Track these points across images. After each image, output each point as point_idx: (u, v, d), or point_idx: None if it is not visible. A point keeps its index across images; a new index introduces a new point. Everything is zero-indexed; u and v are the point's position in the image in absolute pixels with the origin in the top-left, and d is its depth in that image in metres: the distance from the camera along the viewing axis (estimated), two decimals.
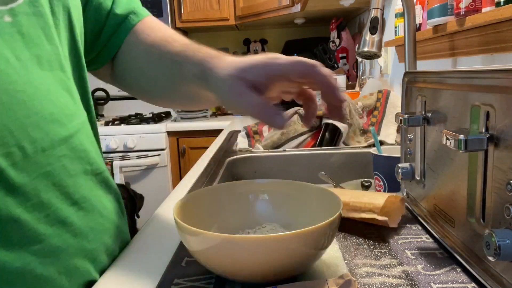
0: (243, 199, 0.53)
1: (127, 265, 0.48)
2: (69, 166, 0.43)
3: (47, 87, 0.42)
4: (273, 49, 2.91)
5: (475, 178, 0.38)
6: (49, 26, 0.44)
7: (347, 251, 0.48)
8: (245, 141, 1.28)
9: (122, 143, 2.21)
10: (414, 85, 0.55)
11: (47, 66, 0.43)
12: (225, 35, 2.96)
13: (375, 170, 0.75)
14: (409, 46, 0.94)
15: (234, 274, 0.39)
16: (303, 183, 0.51)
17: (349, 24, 2.49)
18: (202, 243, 0.38)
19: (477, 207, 0.38)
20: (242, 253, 0.37)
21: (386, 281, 0.40)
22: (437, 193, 0.48)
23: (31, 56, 0.41)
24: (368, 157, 1.02)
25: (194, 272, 0.44)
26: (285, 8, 2.20)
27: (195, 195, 0.50)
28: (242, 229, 0.51)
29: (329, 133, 1.12)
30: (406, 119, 0.51)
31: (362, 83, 1.73)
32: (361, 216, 0.53)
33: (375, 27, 0.86)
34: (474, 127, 0.38)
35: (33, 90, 0.40)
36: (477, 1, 0.78)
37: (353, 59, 2.17)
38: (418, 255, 0.45)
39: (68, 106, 0.45)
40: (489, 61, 0.83)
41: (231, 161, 1.05)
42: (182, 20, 2.55)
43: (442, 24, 0.90)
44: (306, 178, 1.04)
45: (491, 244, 0.32)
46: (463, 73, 0.42)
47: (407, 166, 0.56)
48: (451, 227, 0.44)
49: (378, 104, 1.27)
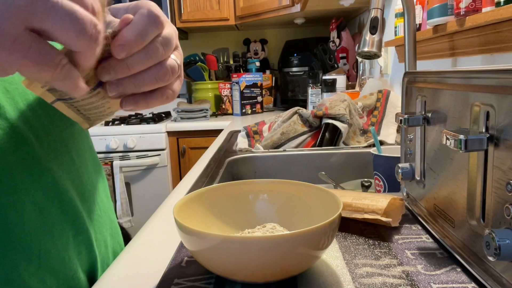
0: (243, 199, 0.53)
1: (127, 265, 0.48)
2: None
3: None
4: (273, 49, 2.91)
5: (475, 178, 0.38)
6: None
7: (347, 251, 0.48)
8: (245, 141, 1.28)
9: (122, 143, 2.21)
10: (414, 85, 0.55)
11: None
12: (225, 35, 2.96)
13: (375, 170, 0.75)
14: (409, 46, 0.94)
15: (234, 274, 0.39)
16: (303, 183, 0.51)
17: (349, 24, 2.49)
18: (202, 243, 0.38)
19: (477, 207, 0.38)
20: (242, 253, 0.37)
21: (386, 281, 0.40)
22: (437, 193, 0.48)
23: None
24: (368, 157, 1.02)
25: (194, 272, 0.44)
26: (285, 8, 2.20)
27: (195, 195, 0.50)
28: (242, 229, 0.51)
29: (329, 133, 1.12)
30: (406, 119, 0.51)
31: (362, 83, 1.73)
32: (364, 217, 0.53)
33: (375, 27, 0.86)
34: (474, 127, 0.38)
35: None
36: (477, 1, 0.78)
37: (353, 59, 2.17)
38: (418, 255, 0.45)
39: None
40: (489, 61, 0.83)
41: (231, 161, 1.05)
42: (182, 20, 2.55)
43: (442, 24, 0.90)
44: (306, 178, 1.05)
45: (491, 244, 0.32)
46: (463, 73, 0.41)
47: (407, 166, 0.56)
48: (451, 227, 0.44)
49: (378, 104, 1.27)
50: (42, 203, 0.40)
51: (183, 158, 2.32)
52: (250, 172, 1.07)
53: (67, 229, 0.43)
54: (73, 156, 0.46)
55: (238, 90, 2.41)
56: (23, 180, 0.38)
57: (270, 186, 0.53)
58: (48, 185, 0.41)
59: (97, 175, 0.53)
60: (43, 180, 0.41)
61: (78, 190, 0.46)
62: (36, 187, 0.40)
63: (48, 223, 0.41)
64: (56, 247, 0.41)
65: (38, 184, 0.40)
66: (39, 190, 0.40)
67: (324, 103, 1.17)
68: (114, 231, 0.57)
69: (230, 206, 0.52)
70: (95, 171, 0.52)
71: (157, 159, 2.23)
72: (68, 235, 0.43)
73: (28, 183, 0.39)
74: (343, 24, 2.22)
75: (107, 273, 0.47)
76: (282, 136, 1.15)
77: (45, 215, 0.40)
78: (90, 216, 0.48)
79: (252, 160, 1.08)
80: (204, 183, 0.84)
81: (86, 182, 0.48)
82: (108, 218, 0.55)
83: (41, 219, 0.40)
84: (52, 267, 0.41)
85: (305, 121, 1.17)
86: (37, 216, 0.39)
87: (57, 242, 0.41)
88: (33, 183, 0.40)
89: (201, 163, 1.04)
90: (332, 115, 1.12)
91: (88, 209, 0.48)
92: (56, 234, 0.41)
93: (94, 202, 0.50)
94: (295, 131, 1.15)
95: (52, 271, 0.41)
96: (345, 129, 1.10)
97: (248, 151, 1.11)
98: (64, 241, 0.43)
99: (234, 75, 2.45)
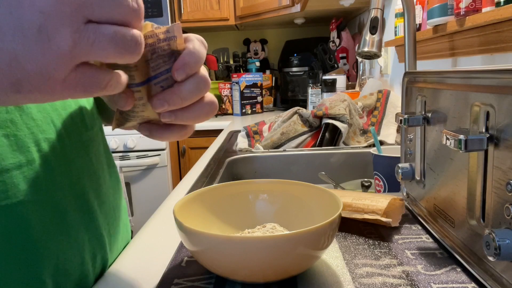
0: (243, 199, 0.53)
1: (127, 265, 0.48)
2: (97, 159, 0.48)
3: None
4: (273, 49, 2.91)
5: (475, 178, 0.38)
6: None
7: (347, 251, 0.48)
8: (245, 141, 1.28)
9: (122, 143, 2.21)
10: (414, 85, 0.55)
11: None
12: (225, 35, 2.96)
13: (375, 170, 0.75)
14: (409, 46, 0.94)
15: (234, 274, 0.39)
16: (303, 183, 0.51)
17: (349, 24, 2.49)
18: (202, 243, 0.38)
19: (477, 207, 0.38)
20: (242, 253, 0.37)
21: (386, 281, 0.40)
22: (437, 193, 0.48)
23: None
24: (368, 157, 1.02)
25: (194, 272, 0.44)
26: (285, 8, 2.20)
27: (195, 195, 0.50)
28: (242, 229, 0.51)
29: (329, 133, 1.12)
30: (406, 119, 0.51)
31: (362, 83, 1.73)
32: (364, 217, 0.53)
33: (375, 27, 0.86)
34: (474, 127, 0.38)
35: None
36: (477, 1, 0.78)
37: (353, 59, 2.17)
38: (418, 255, 0.45)
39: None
40: (489, 61, 0.83)
41: (231, 161, 1.05)
42: (182, 20, 2.55)
43: (442, 24, 0.90)
44: (306, 178, 1.05)
45: (491, 244, 0.32)
46: (463, 73, 0.41)
47: (407, 166, 0.56)
48: (451, 227, 0.44)
49: (378, 104, 1.27)
50: (61, 203, 0.40)
51: (183, 158, 2.32)
52: (250, 172, 1.07)
53: (83, 233, 0.43)
54: (92, 158, 0.47)
55: (238, 90, 2.41)
56: (46, 178, 0.39)
57: (270, 186, 0.53)
58: (66, 186, 0.41)
59: (112, 177, 0.53)
60: (62, 180, 0.41)
61: (96, 193, 0.47)
62: (56, 187, 0.40)
63: (65, 224, 0.41)
64: (73, 249, 0.42)
65: (57, 184, 0.40)
66: (59, 190, 0.40)
67: (324, 103, 1.17)
68: (126, 234, 0.57)
69: (230, 206, 0.52)
70: (109, 173, 0.52)
71: (157, 159, 2.23)
72: (84, 238, 0.43)
73: (49, 183, 0.39)
74: (343, 24, 2.22)
75: (107, 273, 0.47)
76: (282, 136, 1.15)
77: (63, 216, 0.40)
78: (106, 219, 0.48)
79: (252, 160, 1.08)
80: (204, 183, 0.84)
81: (102, 183, 0.49)
82: (123, 223, 0.55)
83: (59, 219, 0.40)
84: (67, 269, 0.41)
85: (305, 121, 1.17)
86: (56, 216, 0.40)
87: (73, 244, 0.42)
88: (54, 183, 0.40)
89: (201, 163, 1.04)
90: (332, 115, 1.12)
91: (104, 212, 0.48)
92: (72, 236, 0.42)
93: (110, 205, 0.50)
94: (295, 131, 1.15)
95: (67, 273, 0.41)
96: (345, 129, 1.10)
97: (248, 151, 1.11)
98: (80, 243, 0.43)
99: (234, 75, 2.45)
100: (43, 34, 0.24)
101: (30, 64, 0.24)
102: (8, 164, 0.35)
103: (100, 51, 0.26)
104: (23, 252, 0.36)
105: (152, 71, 0.34)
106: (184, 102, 0.35)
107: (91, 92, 0.28)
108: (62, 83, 0.26)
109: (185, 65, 0.33)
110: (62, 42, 0.24)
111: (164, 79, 0.34)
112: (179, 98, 0.34)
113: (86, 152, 0.46)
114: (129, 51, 0.27)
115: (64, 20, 0.24)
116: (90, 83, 0.27)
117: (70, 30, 0.24)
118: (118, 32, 0.26)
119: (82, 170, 0.45)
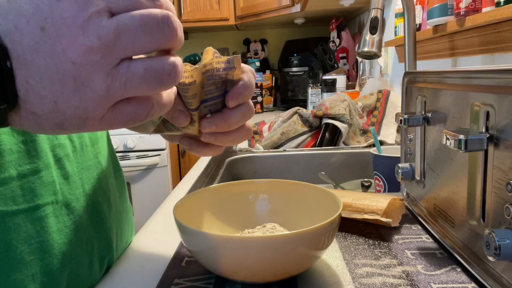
0: (243, 199, 0.53)
1: (127, 265, 0.48)
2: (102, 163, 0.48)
3: None
4: (273, 49, 2.91)
5: (475, 178, 0.38)
6: None
7: (347, 251, 0.48)
8: (245, 141, 1.28)
9: (122, 143, 2.21)
10: (414, 85, 0.55)
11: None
12: (225, 35, 2.96)
13: (375, 170, 0.75)
14: (409, 46, 0.94)
15: (234, 274, 0.39)
16: (303, 183, 0.51)
17: (349, 24, 2.49)
18: (202, 243, 0.38)
19: (477, 207, 0.38)
20: (242, 253, 0.37)
21: (386, 281, 0.40)
22: (437, 193, 0.48)
23: None
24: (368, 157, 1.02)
25: (194, 272, 0.44)
26: (285, 8, 2.20)
27: (195, 195, 0.50)
28: (242, 229, 0.51)
29: (329, 133, 1.12)
30: (406, 119, 0.51)
31: (362, 83, 1.73)
32: (364, 217, 0.53)
33: (375, 27, 0.86)
34: (474, 127, 0.38)
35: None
36: (477, 1, 0.78)
37: (353, 59, 2.17)
38: (418, 255, 0.45)
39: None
40: (489, 61, 0.83)
41: (231, 161, 1.05)
42: (182, 20, 2.55)
43: (442, 24, 0.90)
44: (306, 178, 1.05)
45: (491, 244, 0.32)
46: (463, 73, 0.42)
47: (407, 166, 0.56)
48: (451, 227, 0.44)
49: (378, 104, 1.27)
50: (74, 207, 0.41)
51: (183, 158, 2.32)
52: (250, 172, 1.07)
53: (93, 236, 0.44)
54: (100, 160, 0.47)
55: None
56: (60, 183, 0.39)
57: (270, 186, 0.53)
58: (80, 189, 0.42)
59: (118, 180, 0.53)
60: (75, 184, 0.41)
61: (105, 196, 0.47)
62: (71, 191, 0.41)
63: (78, 228, 0.41)
64: (84, 252, 0.42)
65: (72, 188, 0.41)
66: (72, 194, 0.41)
67: (324, 103, 1.17)
68: (130, 236, 0.57)
69: (230, 206, 0.52)
70: (115, 176, 0.52)
71: (157, 159, 2.23)
72: (94, 241, 0.44)
73: (63, 186, 0.40)
74: (343, 24, 2.22)
75: (107, 273, 0.47)
76: (282, 136, 1.15)
77: (76, 219, 0.41)
78: (114, 222, 0.49)
79: (252, 160, 1.08)
80: (204, 183, 0.84)
81: (110, 186, 0.49)
82: (128, 225, 0.55)
83: (73, 223, 0.40)
84: (79, 272, 0.41)
85: (305, 121, 1.17)
86: (70, 219, 0.40)
87: (84, 247, 0.42)
88: (68, 186, 0.40)
89: (201, 163, 1.04)
90: (332, 115, 1.12)
91: (113, 215, 0.49)
92: (84, 239, 0.42)
93: (117, 208, 0.50)
94: (295, 131, 1.15)
95: (78, 276, 0.41)
96: (345, 129, 1.10)
97: (248, 151, 1.11)
98: (90, 246, 0.43)
99: None
100: (78, 82, 0.24)
101: (69, 110, 0.25)
102: (25, 169, 0.36)
103: (133, 90, 0.26)
104: (42, 256, 0.37)
105: (204, 95, 0.36)
106: (230, 127, 0.38)
107: (132, 124, 0.28)
108: (99, 121, 0.27)
109: (239, 95, 0.36)
110: (96, 88, 0.25)
111: (214, 103, 0.37)
112: (226, 124, 0.37)
113: (95, 155, 0.47)
114: (163, 85, 0.27)
115: (96, 67, 0.24)
116: (128, 120, 0.28)
117: (103, 75, 0.25)
118: (149, 68, 0.26)
119: (92, 173, 0.45)
